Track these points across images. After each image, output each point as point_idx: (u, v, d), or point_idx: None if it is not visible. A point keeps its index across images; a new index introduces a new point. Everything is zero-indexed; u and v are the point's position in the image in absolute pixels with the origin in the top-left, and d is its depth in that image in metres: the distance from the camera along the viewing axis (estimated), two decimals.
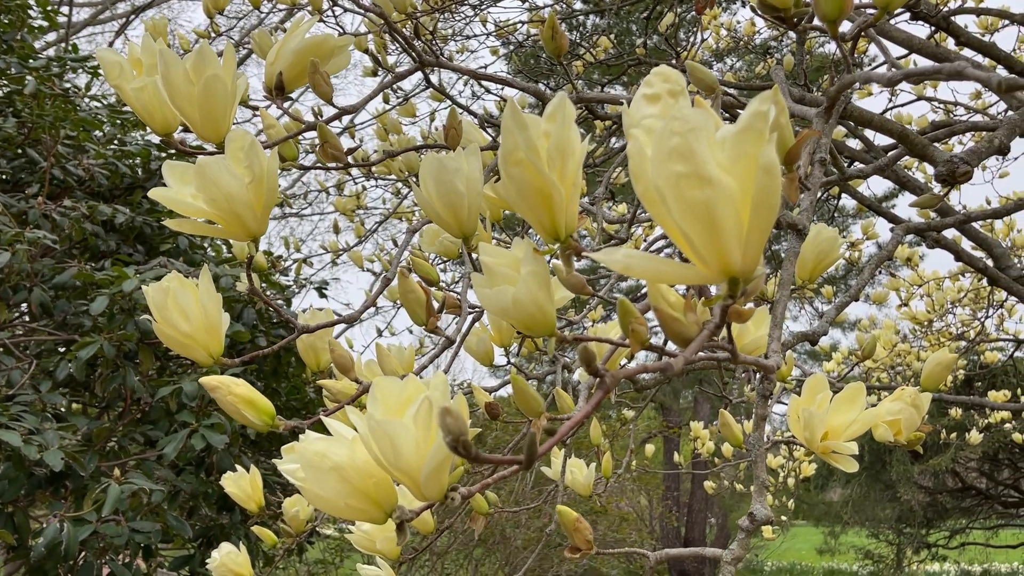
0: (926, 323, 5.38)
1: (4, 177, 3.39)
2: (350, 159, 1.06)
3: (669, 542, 13.56)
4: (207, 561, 3.74)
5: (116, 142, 3.81)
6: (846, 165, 3.83)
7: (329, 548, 6.48)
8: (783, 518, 5.64)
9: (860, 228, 5.50)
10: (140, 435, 2.98)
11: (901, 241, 2.21)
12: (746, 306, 0.65)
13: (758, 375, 1.59)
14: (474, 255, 1.15)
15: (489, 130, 2.43)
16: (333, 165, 1.06)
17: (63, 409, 2.87)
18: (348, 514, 0.68)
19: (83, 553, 2.64)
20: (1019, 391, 6.89)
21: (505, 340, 1.79)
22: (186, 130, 1.01)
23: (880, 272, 10.58)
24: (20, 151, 3.39)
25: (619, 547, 6.62)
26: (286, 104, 1.07)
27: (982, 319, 5.64)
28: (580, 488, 1.98)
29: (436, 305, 0.96)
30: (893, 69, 0.70)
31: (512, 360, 1.90)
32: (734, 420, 1.31)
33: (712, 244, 0.51)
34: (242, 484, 1.92)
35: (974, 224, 3.52)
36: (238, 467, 1.93)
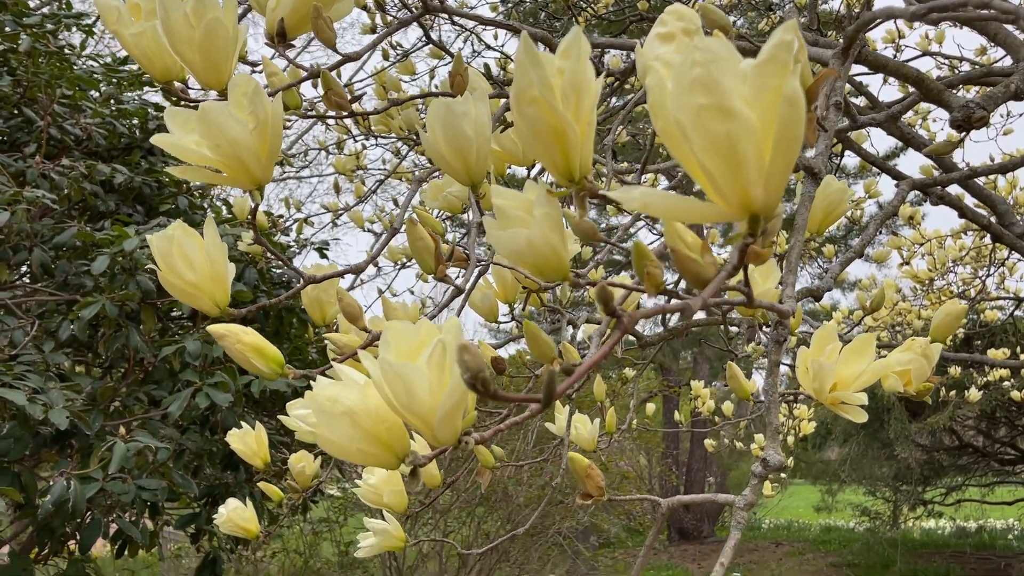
0: (927, 281, 5.37)
1: (1, 137, 3.36)
2: (353, 108, 1.04)
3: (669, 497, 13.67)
4: (213, 519, 3.77)
5: (113, 102, 3.77)
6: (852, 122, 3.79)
7: (333, 507, 6.55)
8: (782, 476, 5.69)
9: (863, 187, 5.48)
10: (144, 395, 2.98)
11: (906, 197, 2.20)
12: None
13: (763, 328, 1.58)
14: (481, 217, 1.14)
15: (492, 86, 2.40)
16: (335, 114, 1.04)
17: (66, 369, 2.87)
18: (361, 459, 0.68)
19: (90, 512, 2.66)
20: (1018, 349, 6.91)
21: (510, 296, 1.78)
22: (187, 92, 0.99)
23: (881, 232, 10.56)
24: (16, 110, 3.36)
25: (622, 504, 6.68)
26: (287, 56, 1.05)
27: (983, 277, 5.64)
28: (584, 443, 1.99)
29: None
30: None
31: (518, 315, 1.90)
32: (741, 372, 1.30)
33: (734, 179, 0.50)
34: (247, 440, 1.92)
35: (978, 181, 3.50)
36: (243, 424, 1.94)
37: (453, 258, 1.00)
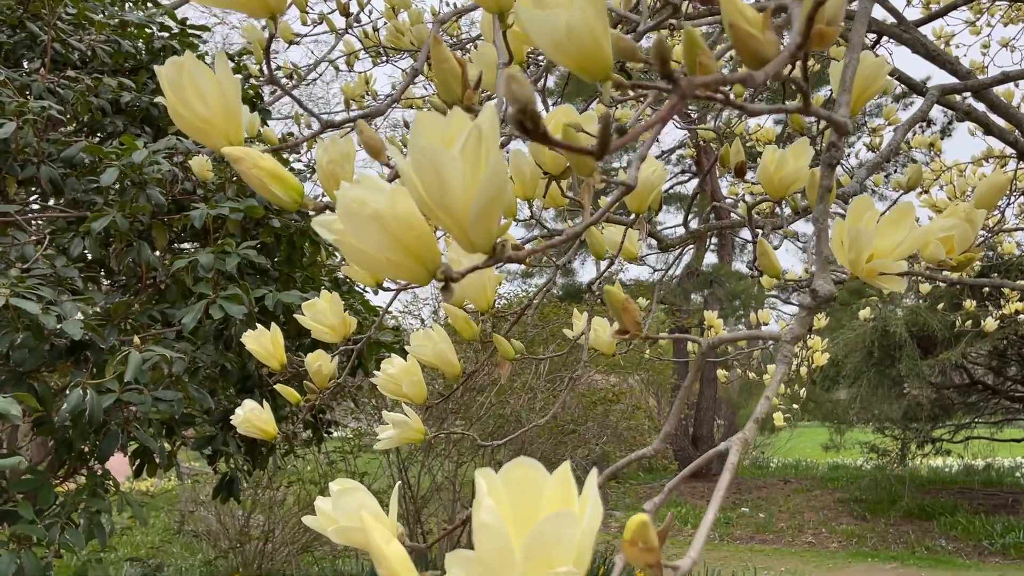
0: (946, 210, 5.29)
1: (5, 53, 3.29)
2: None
3: (678, 440, 13.81)
4: (228, 442, 3.77)
5: (117, 21, 3.68)
6: (873, 39, 3.69)
7: (346, 440, 6.61)
8: (794, 405, 5.69)
9: (883, 114, 5.37)
10: (158, 313, 2.97)
11: (935, 101, 2.12)
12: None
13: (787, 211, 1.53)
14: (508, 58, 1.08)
15: None
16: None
17: (79, 286, 2.86)
18: (390, 270, 0.64)
19: (107, 425, 2.67)
20: None
21: (529, 191, 1.73)
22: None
23: (899, 162, 10.38)
24: (19, 26, 3.28)
25: (633, 435, 6.73)
26: None
27: (1002, 207, 5.55)
28: (603, 346, 1.95)
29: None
30: None
31: (537, 212, 1.85)
32: (772, 249, 1.26)
33: None
34: (263, 342, 1.90)
35: (1005, 101, 3.40)
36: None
37: (480, 85, 0.95)
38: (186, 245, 3.59)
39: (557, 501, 0.59)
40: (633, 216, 1.41)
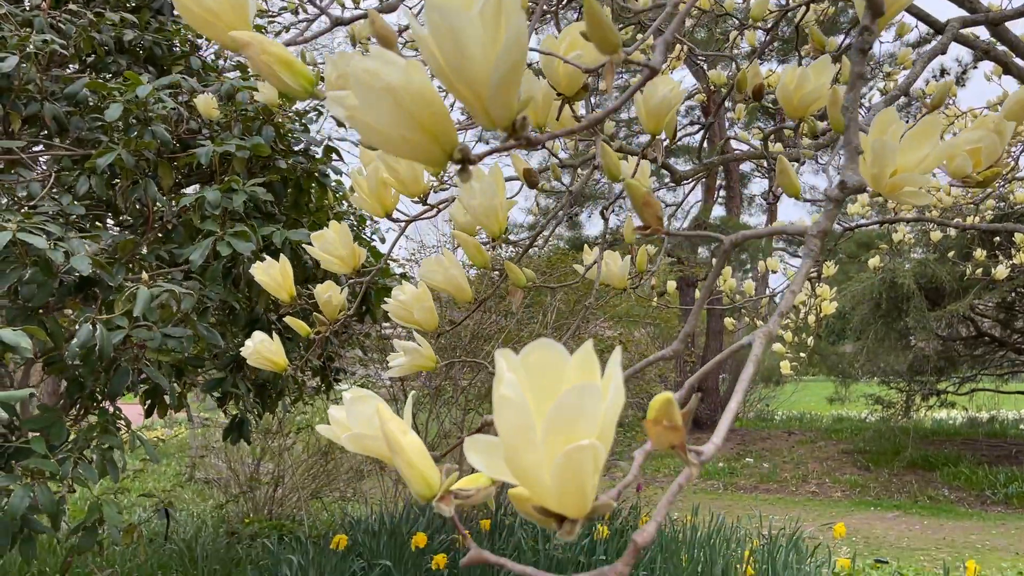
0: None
1: None
2: None
3: (684, 391, 13.84)
4: (238, 384, 3.78)
5: None
6: None
7: (358, 384, 6.65)
8: (802, 354, 5.69)
9: (897, 58, 5.28)
10: (166, 253, 2.96)
11: (955, 34, 2.07)
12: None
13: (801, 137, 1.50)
14: None
15: None
16: None
17: (86, 226, 2.84)
18: (405, 150, 0.62)
19: (116, 363, 2.67)
20: None
21: (541, 117, 1.70)
22: None
23: (911, 112, 10.25)
24: None
25: (640, 378, 6.75)
26: None
27: (1016, 155, 5.48)
28: (615, 280, 1.93)
29: None
30: None
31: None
32: (791, 167, 1.23)
33: None
34: (272, 273, 1.89)
35: None
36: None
37: None
38: (191, 190, 3.56)
39: (579, 381, 0.58)
40: (649, 138, 1.38)
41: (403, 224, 1.89)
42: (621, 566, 0.59)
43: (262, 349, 1.91)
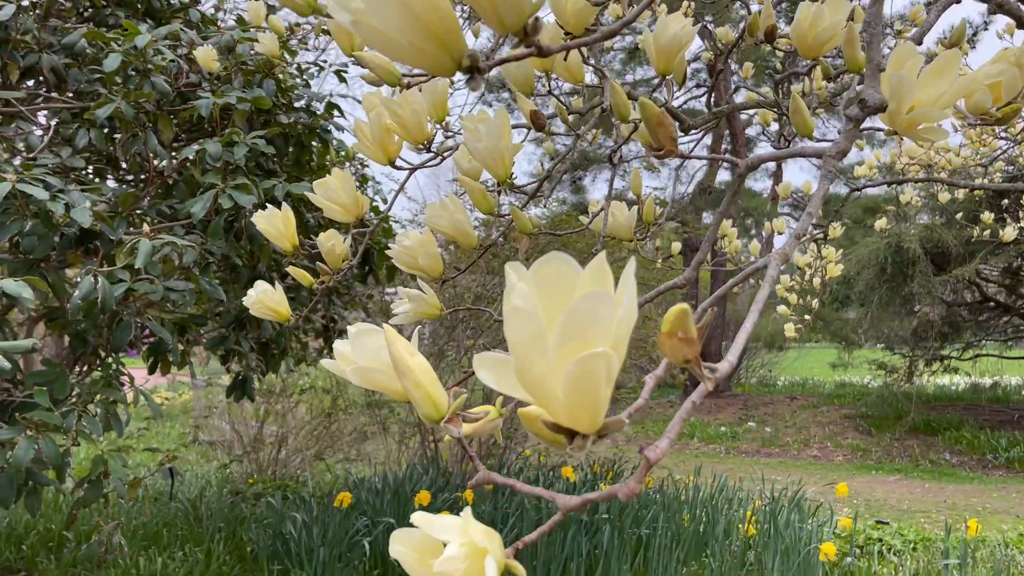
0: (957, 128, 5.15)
1: None
2: None
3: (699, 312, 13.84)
4: (241, 342, 3.77)
5: None
6: None
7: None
8: (806, 317, 5.67)
9: (909, 14, 5.21)
10: (167, 208, 2.93)
11: None
12: None
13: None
14: None
15: None
16: None
17: (86, 179, 2.81)
18: (412, 57, 0.59)
19: (119, 316, 2.66)
20: None
21: (546, 63, 1.67)
22: None
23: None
24: None
25: (643, 345, 6.74)
26: None
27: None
28: (622, 232, 1.91)
29: None
30: None
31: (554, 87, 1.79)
32: (805, 106, 1.20)
33: None
34: (274, 221, 1.87)
35: None
36: None
37: None
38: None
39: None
40: (659, 79, 1.35)
41: (407, 171, 1.87)
42: (633, 483, 0.58)
43: (265, 299, 1.89)
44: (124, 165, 2.96)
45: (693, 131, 1.82)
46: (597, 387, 0.52)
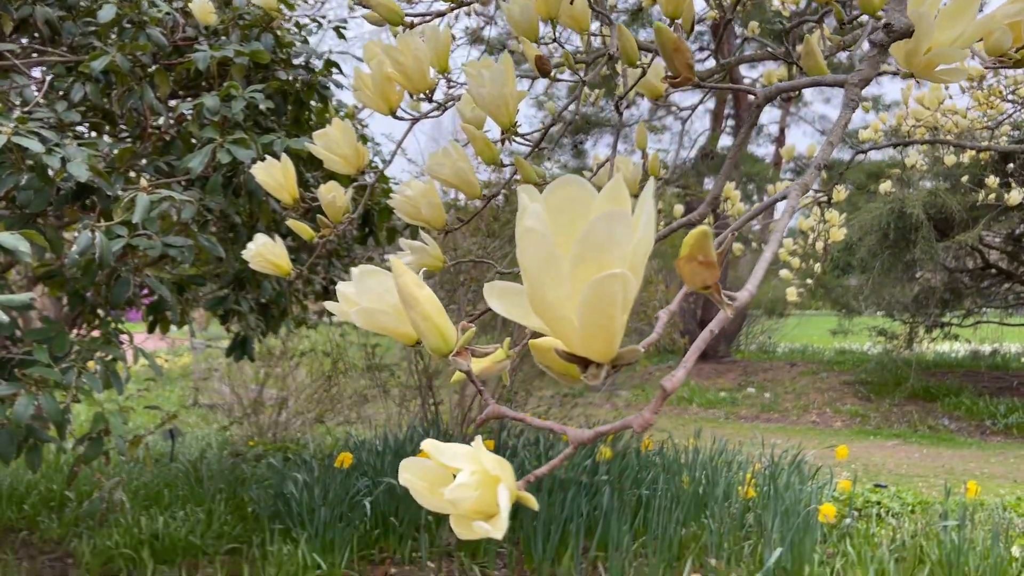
0: (978, 79, 5.08)
1: None
2: None
3: (686, 322, 13.89)
4: (241, 302, 3.74)
5: None
6: None
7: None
8: (808, 281, 5.66)
9: None
10: (164, 164, 2.90)
11: None
12: None
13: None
14: None
15: None
16: None
17: (82, 132, 2.77)
18: None
19: (117, 273, 2.63)
20: None
21: (552, 7, 1.63)
22: None
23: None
24: None
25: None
26: None
27: None
28: (628, 186, 1.88)
29: None
30: None
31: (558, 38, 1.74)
32: (817, 47, 1.16)
33: None
34: (274, 172, 1.84)
35: None
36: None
37: None
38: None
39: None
40: (669, 22, 1.31)
41: (408, 124, 1.83)
42: (648, 413, 0.56)
43: (265, 251, 1.87)
44: (120, 121, 2.91)
45: (702, 85, 1.78)
46: (613, 311, 0.49)
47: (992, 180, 5.98)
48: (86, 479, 4.77)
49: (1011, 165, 7.42)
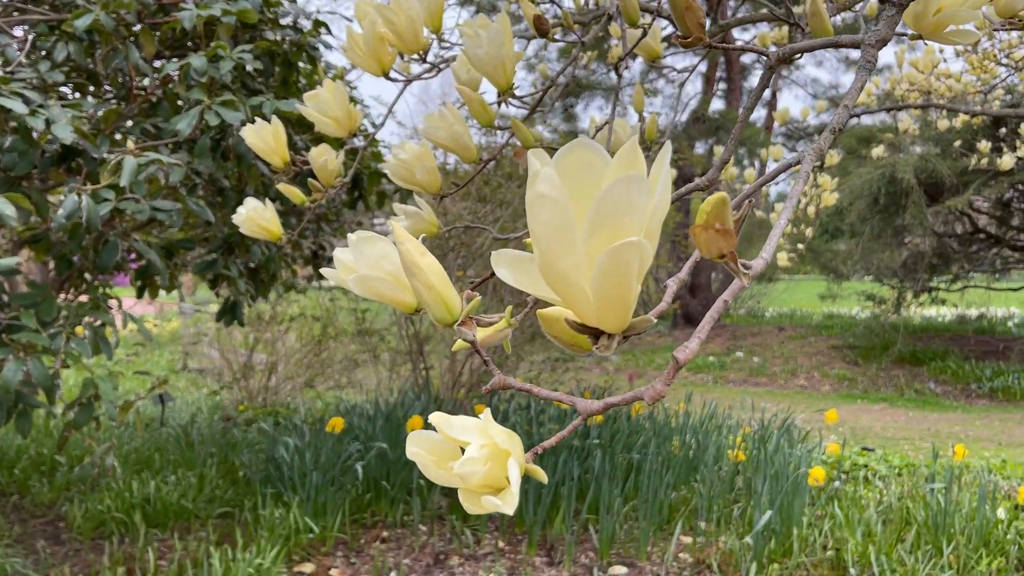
0: (973, 44, 5.05)
1: None
2: None
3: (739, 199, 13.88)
4: (230, 267, 3.70)
5: None
6: None
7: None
8: (799, 245, 5.65)
9: None
10: (151, 127, 2.84)
11: None
12: None
13: None
14: None
15: None
16: None
17: (67, 93, 2.71)
18: None
19: (104, 238, 2.60)
20: None
21: None
22: None
23: None
24: None
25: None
26: None
27: None
28: None
29: None
30: None
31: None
32: (823, 7, 1.13)
33: None
34: (264, 135, 1.80)
35: None
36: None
37: None
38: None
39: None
40: None
41: (401, 86, 1.79)
42: (660, 384, 0.54)
43: (256, 216, 1.84)
44: (105, 82, 2.85)
45: (713, 46, 1.74)
46: (629, 281, 0.48)
47: (984, 145, 5.96)
48: (76, 444, 4.76)
49: (1003, 130, 7.40)
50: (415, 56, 1.61)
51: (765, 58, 0.78)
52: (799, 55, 0.80)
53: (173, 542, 3.65)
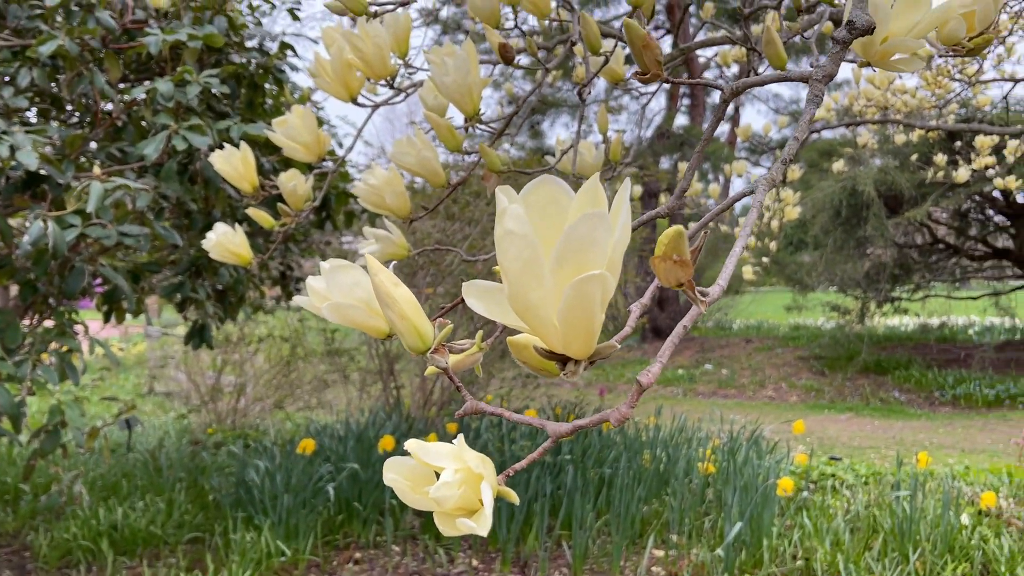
0: (927, 60, 5.19)
1: None
2: None
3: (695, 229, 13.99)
4: (197, 289, 3.69)
5: None
6: None
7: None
8: (764, 259, 5.74)
9: None
10: (117, 151, 2.83)
11: None
12: None
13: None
14: None
15: None
16: None
17: (31, 119, 2.70)
18: None
19: (71, 264, 2.58)
20: (1006, 138, 6.84)
21: None
22: None
23: None
24: None
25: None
26: None
27: (980, 60, 5.48)
28: (589, 170, 1.89)
29: None
30: None
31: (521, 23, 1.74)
32: (778, 37, 1.18)
33: None
34: (233, 162, 1.81)
35: None
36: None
37: None
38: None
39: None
40: (632, 8, 1.32)
41: (368, 111, 1.82)
42: (625, 407, 0.57)
43: (225, 241, 1.85)
44: (69, 106, 2.84)
45: (670, 81, 1.79)
46: (593, 311, 0.50)
47: (940, 158, 6.11)
48: (41, 471, 4.68)
49: (958, 143, 7.59)
50: (383, 81, 1.64)
51: (720, 91, 0.82)
52: (751, 87, 0.83)
53: (142, 569, 3.60)
